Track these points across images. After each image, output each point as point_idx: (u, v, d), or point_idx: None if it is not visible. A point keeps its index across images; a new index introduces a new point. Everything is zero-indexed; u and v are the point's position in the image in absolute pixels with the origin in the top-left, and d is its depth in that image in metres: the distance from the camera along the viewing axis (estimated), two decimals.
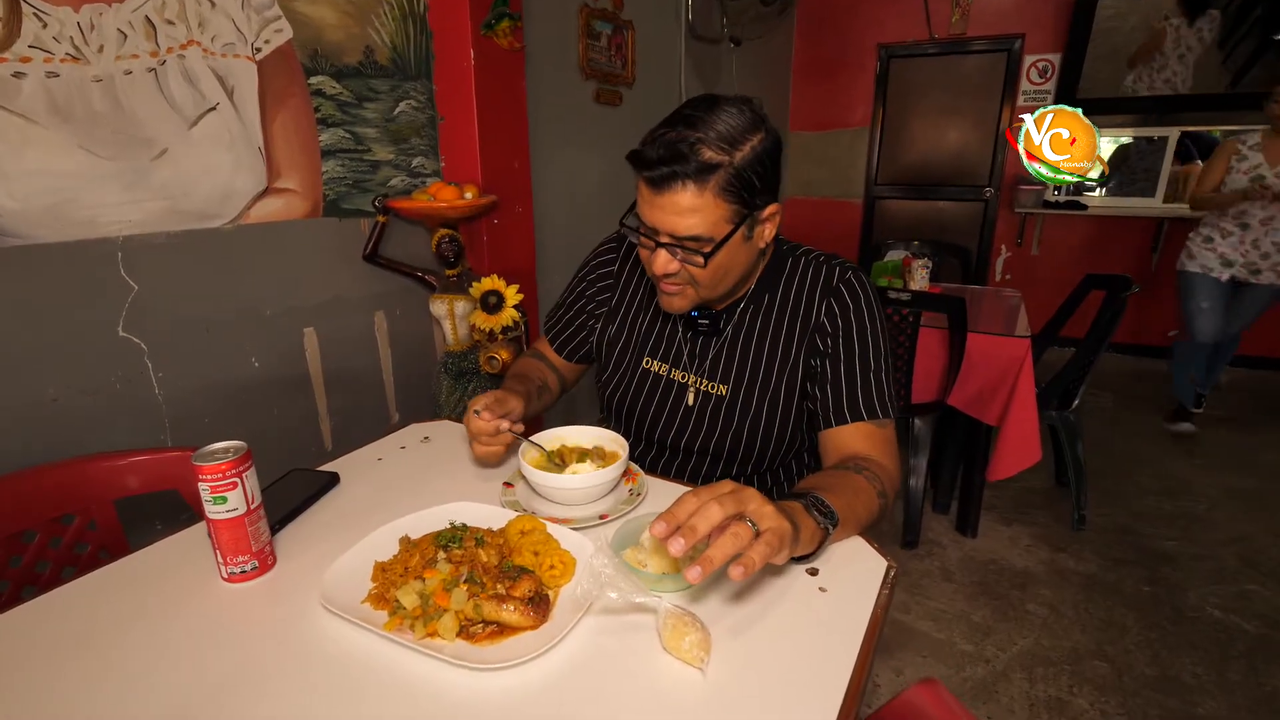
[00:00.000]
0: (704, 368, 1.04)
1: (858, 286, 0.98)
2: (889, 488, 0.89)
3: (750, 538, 0.61)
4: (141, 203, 1.40)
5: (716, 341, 1.04)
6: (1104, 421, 3.28)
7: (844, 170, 4.96)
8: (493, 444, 0.96)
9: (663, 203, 0.85)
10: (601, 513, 0.87)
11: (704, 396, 1.04)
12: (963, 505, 2.35)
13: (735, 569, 0.59)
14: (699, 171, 0.81)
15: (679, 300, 0.95)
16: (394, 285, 1.97)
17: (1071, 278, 2.89)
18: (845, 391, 0.96)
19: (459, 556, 0.74)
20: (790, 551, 0.66)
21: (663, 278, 0.92)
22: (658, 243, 0.89)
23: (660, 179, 0.83)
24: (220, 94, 1.50)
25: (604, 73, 2.74)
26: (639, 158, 0.85)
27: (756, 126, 0.85)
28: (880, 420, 0.95)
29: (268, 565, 0.79)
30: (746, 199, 0.85)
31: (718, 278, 0.92)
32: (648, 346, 1.10)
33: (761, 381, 1.01)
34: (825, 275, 1.00)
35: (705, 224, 0.84)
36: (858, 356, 0.96)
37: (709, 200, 0.83)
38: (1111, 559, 2.16)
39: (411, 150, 1.96)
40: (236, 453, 0.75)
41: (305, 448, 1.80)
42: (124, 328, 1.40)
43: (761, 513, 0.64)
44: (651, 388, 1.08)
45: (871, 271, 2.77)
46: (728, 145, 0.83)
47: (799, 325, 1.00)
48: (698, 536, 0.60)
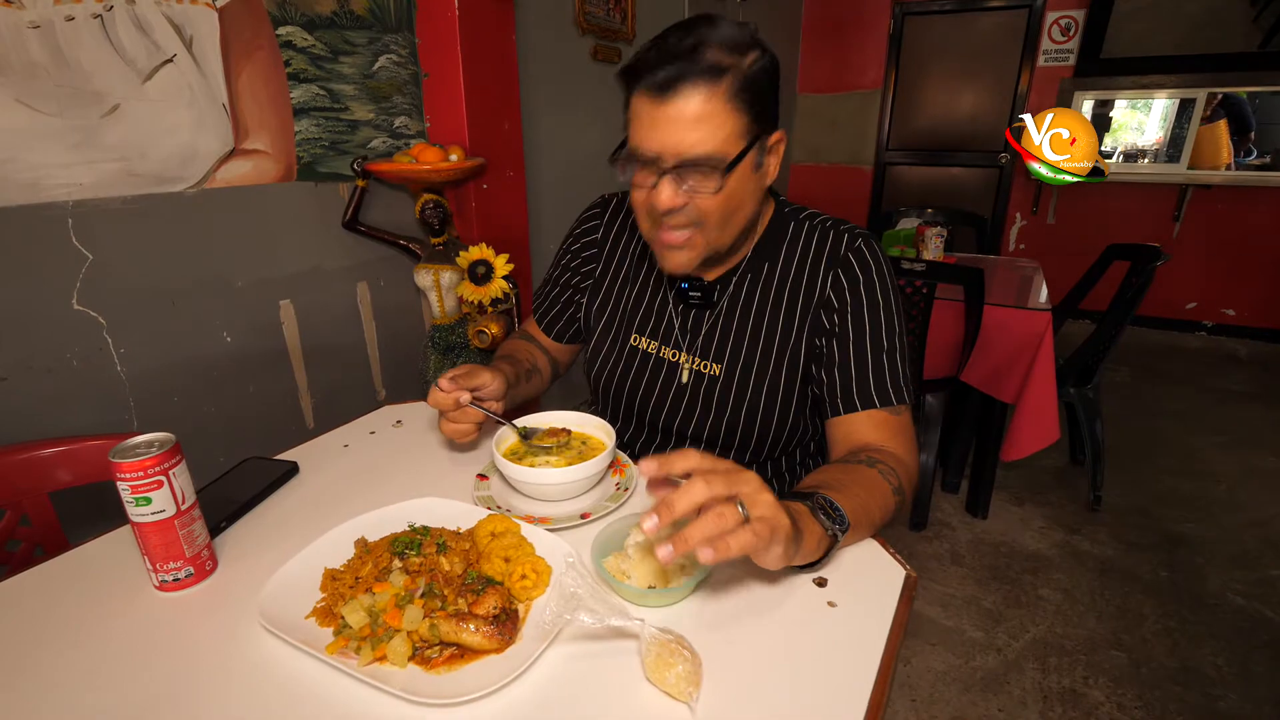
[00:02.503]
0: (696, 344, 0.94)
1: (868, 256, 0.87)
2: (906, 483, 0.79)
3: (736, 522, 0.53)
4: (93, 164, 1.28)
5: (710, 315, 0.93)
6: (1121, 397, 3.17)
7: (854, 135, 4.77)
8: (459, 420, 0.86)
9: (668, 114, 0.73)
10: (583, 511, 0.77)
11: (697, 376, 0.94)
12: (974, 485, 2.26)
13: (705, 550, 0.52)
14: (709, 72, 0.71)
15: (684, 254, 0.82)
16: (377, 254, 1.86)
17: (1088, 247, 2.76)
18: (855, 375, 0.85)
19: (417, 565, 0.65)
20: (787, 556, 0.57)
21: (665, 217, 0.79)
22: (661, 169, 0.76)
23: (665, 82, 0.72)
24: (177, 44, 1.37)
25: (602, 27, 2.58)
26: (635, 68, 0.74)
27: (756, 43, 0.76)
28: (894, 407, 0.84)
29: (205, 571, 0.70)
30: (758, 113, 0.75)
31: (728, 214, 0.80)
32: (635, 322, 0.99)
33: (760, 361, 0.90)
34: (832, 243, 0.88)
35: (718, 137, 0.73)
36: (869, 336, 0.85)
37: (720, 107, 0.72)
38: (1128, 542, 2.08)
39: (393, 109, 1.83)
40: (162, 447, 0.65)
41: (285, 426, 1.71)
42: (79, 300, 1.30)
43: (756, 499, 0.56)
44: (640, 366, 0.98)
45: (882, 240, 2.65)
46: (734, 50, 0.73)
47: (801, 299, 0.89)
48: (674, 515, 0.53)
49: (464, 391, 0.84)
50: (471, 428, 0.88)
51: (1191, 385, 3.35)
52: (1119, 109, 4.24)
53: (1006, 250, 4.49)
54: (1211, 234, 3.94)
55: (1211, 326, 4.10)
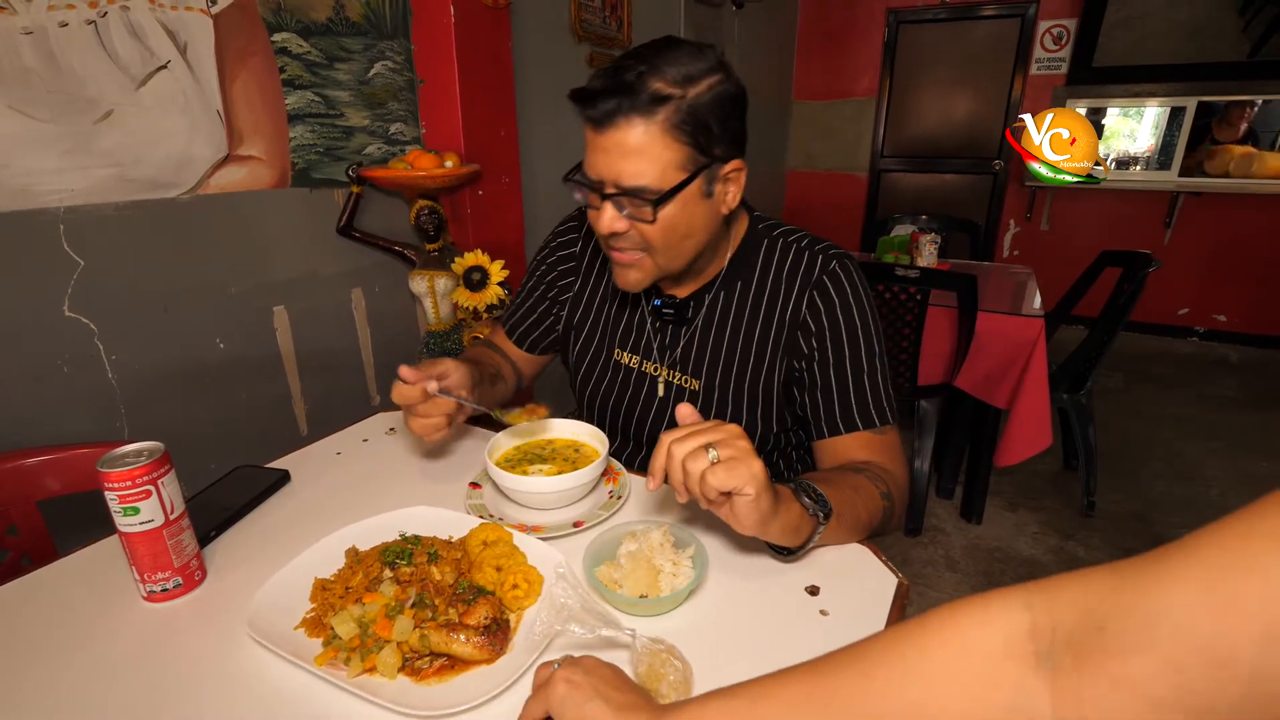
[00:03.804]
0: (674, 359, 0.94)
1: (844, 278, 0.86)
2: (895, 491, 0.79)
3: (706, 465, 0.60)
4: (85, 170, 1.28)
5: (686, 331, 0.93)
6: (1114, 402, 3.18)
7: (849, 142, 4.79)
8: (429, 414, 0.82)
9: (606, 144, 0.74)
10: (576, 519, 0.77)
11: (677, 390, 0.94)
12: (968, 490, 2.27)
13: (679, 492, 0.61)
14: (646, 104, 0.71)
15: (634, 273, 0.83)
16: (372, 260, 1.86)
17: (1081, 254, 2.78)
18: (838, 400, 0.85)
19: (407, 575, 0.65)
20: (763, 517, 0.61)
21: (610, 239, 0.80)
22: (603, 195, 0.77)
23: (603, 116, 0.72)
24: (171, 50, 1.37)
25: (598, 35, 2.59)
26: (579, 96, 0.74)
27: (716, 69, 0.75)
28: (880, 428, 0.85)
29: (194, 582, 0.70)
30: (702, 144, 0.74)
31: (673, 240, 0.79)
32: (617, 337, 0.99)
33: (735, 377, 0.90)
34: (807, 264, 0.88)
35: (655, 170, 0.73)
36: (849, 360, 0.85)
37: (657, 138, 0.72)
38: (1122, 548, 2.08)
39: (389, 115, 1.83)
40: (150, 456, 0.65)
41: (278, 433, 1.71)
42: (70, 307, 1.30)
43: (727, 443, 0.60)
44: (624, 381, 0.98)
45: (877, 247, 2.66)
46: (681, 80, 0.72)
47: (776, 320, 0.88)
48: (657, 477, 0.62)
49: (430, 380, 0.81)
50: (442, 420, 0.83)
51: (1184, 390, 3.37)
52: (1111, 117, 4.27)
53: (1000, 256, 4.52)
54: (1203, 240, 3.97)
55: (1203, 332, 4.12)
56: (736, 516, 0.62)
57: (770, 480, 0.62)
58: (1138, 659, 0.29)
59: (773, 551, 0.71)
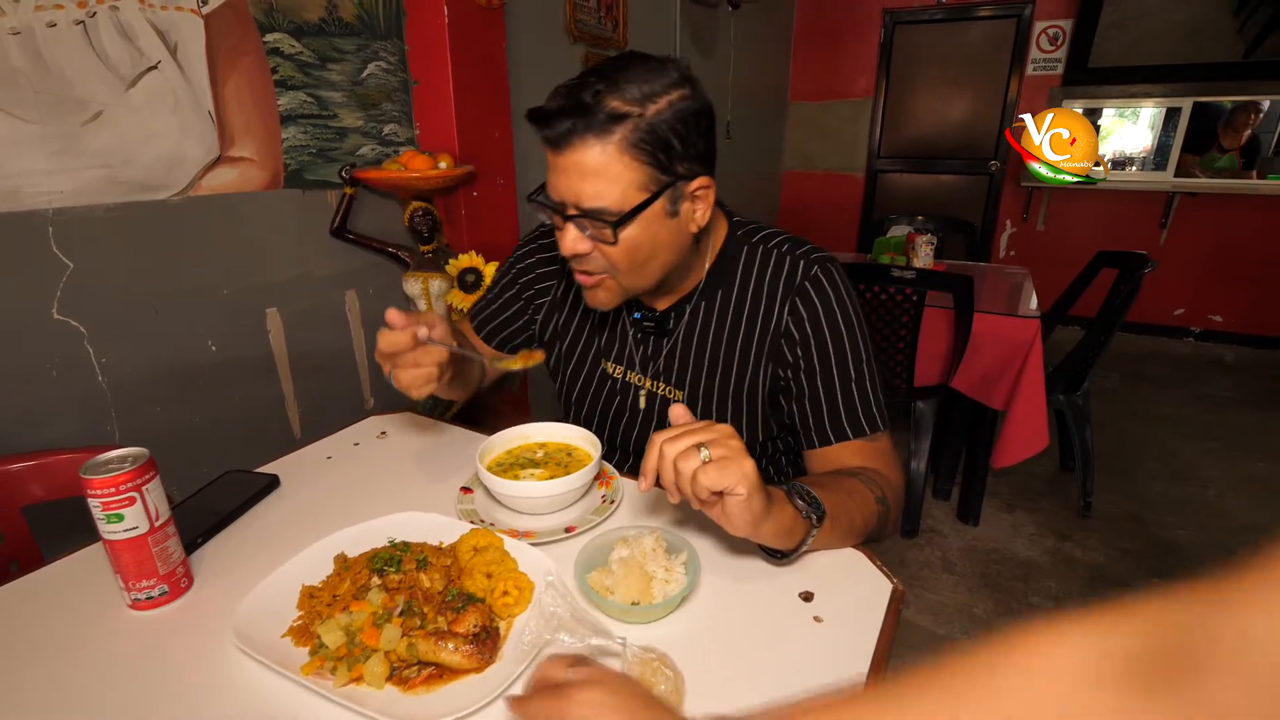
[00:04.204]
0: (657, 370, 0.93)
1: (826, 284, 0.84)
2: (890, 495, 0.78)
3: (697, 464, 0.59)
4: (74, 171, 1.27)
5: (667, 342, 0.92)
6: (1110, 403, 3.18)
7: (846, 142, 4.79)
8: (420, 363, 0.75)
9: (564, 165, 0.72)
10: (568, 524, 0.76)
11: (660, 400, 0.93)
12: (965, 492, 2.26)
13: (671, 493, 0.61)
14: (602, 123, 0.69)
15: (601, 294, 0.82)
16: (366, 262, 1.85)
17: (1077, 254, 2.78)
18: (826, 410, 0.84)
19: (396, 583, 0.64)
20: (755, 517, 0.60)
21: (573, 260, 0.79)
22: (565, 216, 0.75)
23: (559, 137, 0.70)
24: (161, 51, 1.36)
25: (593, 35, 2.58)
26: (537, 113, 0.72)
27: (679, 84, 0.73)
28: (871, 436, 0.84)
29: (180, 589, 0.69)
30: (663, 162, 0.72)
31: (637, 262, 0.77)
32: (602, 346, 0.97)
33: (719, 387, 0.89)
34: (789, 270, 0.85)
35: (614, 191, 0.71)
36: (835, 368, 0.83)
37: (615, 159, 0.70)
38: (1119, 549, 2.08)
39: (382, 116, 1.83)
40: (135, 462, 0.64)
41: (271, 436, 1.69)
42: (59, 309, 1.28)
43: (719, 442, 0.60)
44: (610, 391, 0.97)
45: (873, 248, 2.65)
46: (639, 98, 0.70)
47: (759, 329, 0.86)
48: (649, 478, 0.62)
49: (420, 326, 0.75)
50: (433, 370, 0.76)
51: (1180, 391, 3.37)
52: (1106, 117, 4.28)
53: (996, 257, 4.52)
54: (1198, 241, 3.98)
55: (1199, 332, 4.13)
56: (728, 517, 0.61)
57: (763, 481, 0.61)
58: (1228, 681, 0.28)
59: (765, 554, 0.70)
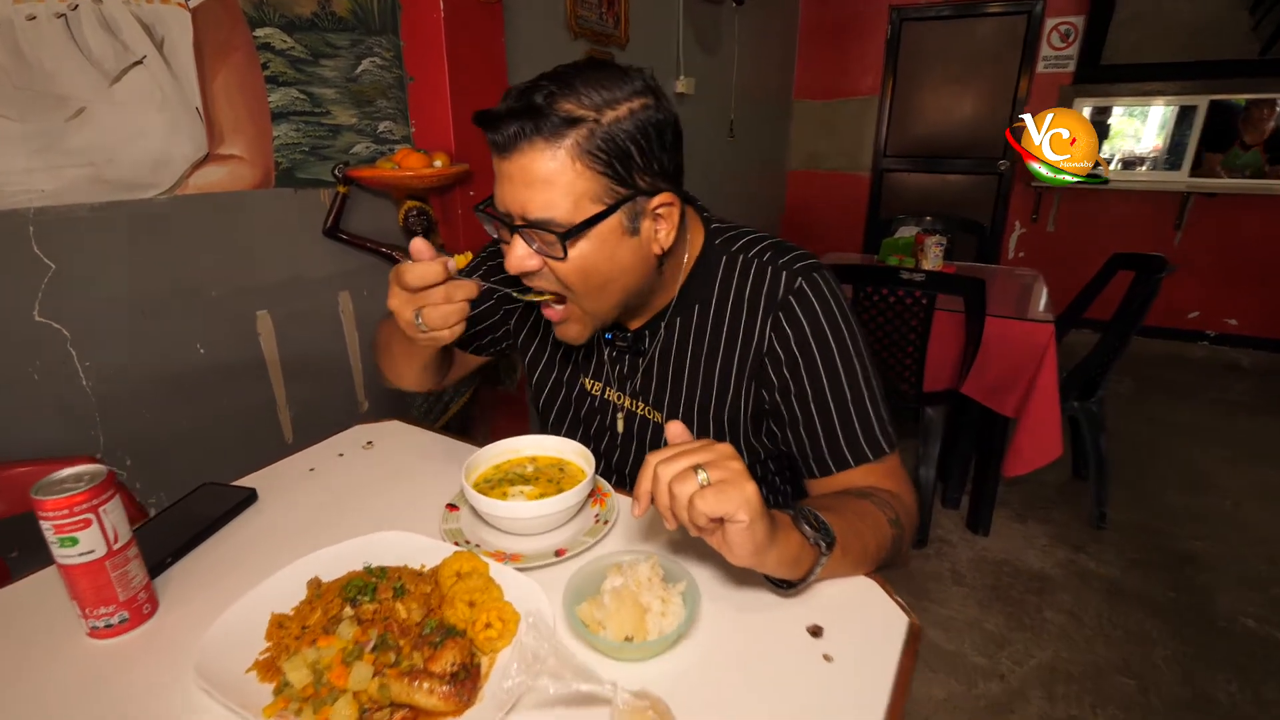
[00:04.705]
0: (634, 389, 0.87)
1: (813, 296, 0.76)
2: (904, 517, 0.73)
3: (694, 488, 0.54)
4: (56, 169, 1.23)
5: (643, 361, 0.86)
6: (1124, 409, 3.11)
7: (851, 141, 4.73)
8: (454, 296, 0.68)
9: (511, 171, 0.65)
10: (558, 547, 0.71)
11: (641, 421, 0.88)
12: (975, 501, 2.20)
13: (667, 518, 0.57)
14: (554, 127, 0.63)
15: (572, 327, 0.76)
16: (360, 263, 1.80)
17: (1089, 256, 2.72)
18: (824, 437, 0.76)
19: (370, 614, 0.59)
20: (759, 545, 0.55)
21: (525, 280, 0.73)
22: (512, 227, 0.68)
23: (506, 141, 0.64)
24: (147, 45, 1.31)
25: (595, 32, 2.53)
26: (484, 116, 0.65)
27: (642, 93, 0.66)
28: (878, 459, 0.77)
29: (143, 616, 0.64)
30: (620, 174, 0.66)
31: (594, 284, 0.71)
32: (579, 361, 0.91)
33: (699, 408, 0.83)
34: (770, 283, 0.77)
35: (565, 200, 0.65)
36: (829, 391, 0.76)
37: (566, 165, 0.64)
38: (1134, 561, 2.02)
39: (377, 114, 1.78)
40: (91, 480, 0.59)
41: (262, 441, 1.65)
42: (40, 312, 1.24)
43: (718, 464, 0.55)
44: (589, 408, 0.92)
45: (881, 249, 2.60)
46: (597, 103, 0.64)
47: (739, 347, 0.79)
48: (643, 504, 0.58)
49: (448, 258, 0.68)
50: (465, 307, 0.69)
51: (1195, 397, 3.30)
52: (1117, 116, 4.20)
53: (1006, 259, 4.45)
54: (1213, 243, 3.90)
55: (1214, 336, 4.05)
56: (729, 545, 0.56)
57: (766, 506, 0.56)
58: None
59: (771, 585, 0.65)
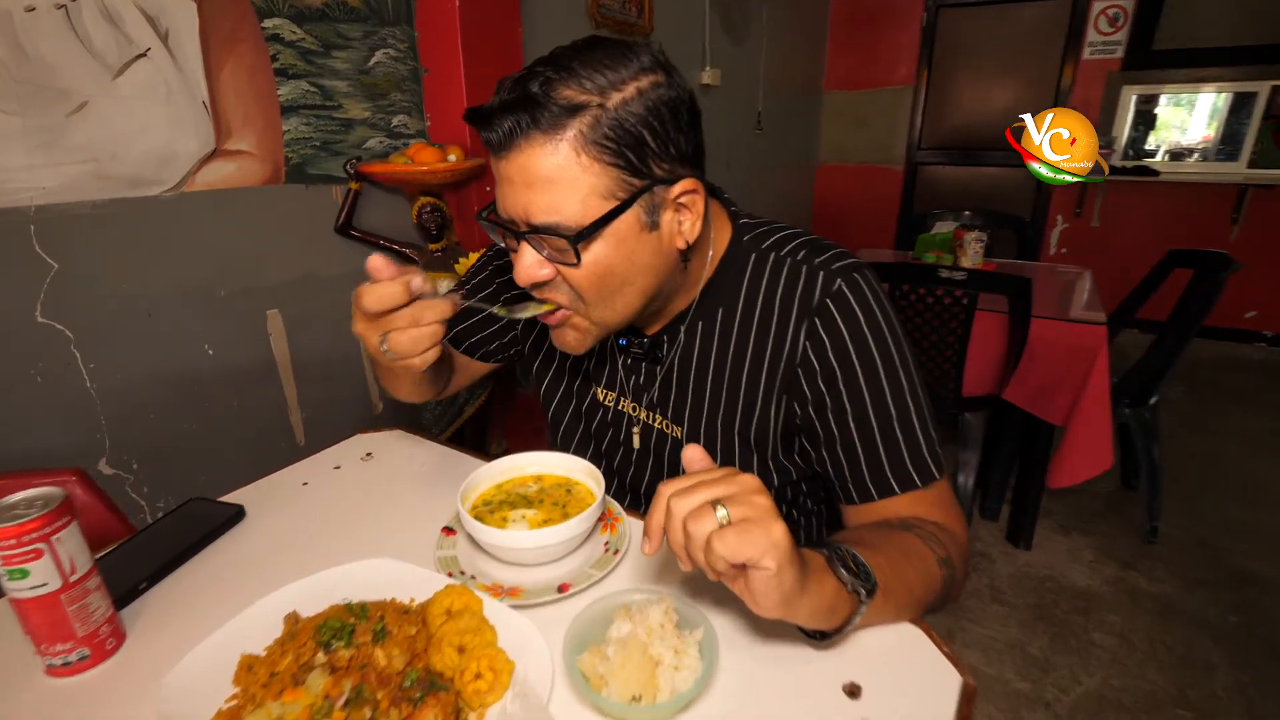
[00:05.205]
0: (651, 400, 0.79)
1: (854, 300, 0.67)
2: (955, 555, 0.64)
3: (712, 527, 0.46)
4: (58, 166, 1.19)
5: (661, 369, 0.77)
6: (1177, 416, 2.93)
7: (884, 133, 4.57)
8: (422, 319, 0.59)
9: (510, 172, 0.58)
10: (562, 582, 0.64)
11: (658, 435, 0.80)
12: (1016, 511, 2.08)
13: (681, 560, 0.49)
14: (553, 117, 0.55)
15: (570, 334, 0.68)
16: None
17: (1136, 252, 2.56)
18: (865, 460, 0.68)
19: (345, 661, 0.53)
20: (788, 594, 0.47)
21: (535, 291, 0.65)
22: (518, 234, 0.61)
23: (502, 138, 0.57)
24: (151, 37, 1.27)
25: (617, 21, 2.45)
26: (476, 112, 0.58)
27: (650, 69, 0.58)
28: (926, 485, 0.67)
29: (105, 652, 0.59)
30: (634, 163, 0.58)
31: (610, 288, 0.63)
32: (591, 369, 0.84)
33: (723, 422, 0.74)
34: (805, 285, 0.68)
35: (571, 199, 0.57)
36: (872, 407, 0.66)
37: (570, 160, 0.56)
38: (1190, 579, 1.88)
39: (391, 107, 1.73)
40: (45, 506, 0.54)
41: (273, 443, 1.62)
42: (43, 312, 1.21)
43: (740, 499, 0.47)
44: (601, 420, 0.84)
45: (916, 245, 2.47)
46: (601, 86, 0.56)
47: (769, 354, 0.70)
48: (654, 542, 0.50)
49: (413, 275, 0.59)
50: (438, 328, 0.60)
51: (1253, 402, 3.10)
52: (1164, 104, 3.98)
53: (1046, 255, 4.26)
54: (1274, 237, 3.67)
55: (1271, 337, 3.82)
56: (753, 594, 0.48)
57: (795, 548, 0.48)
58: None
59: (803, 633, 0.57)
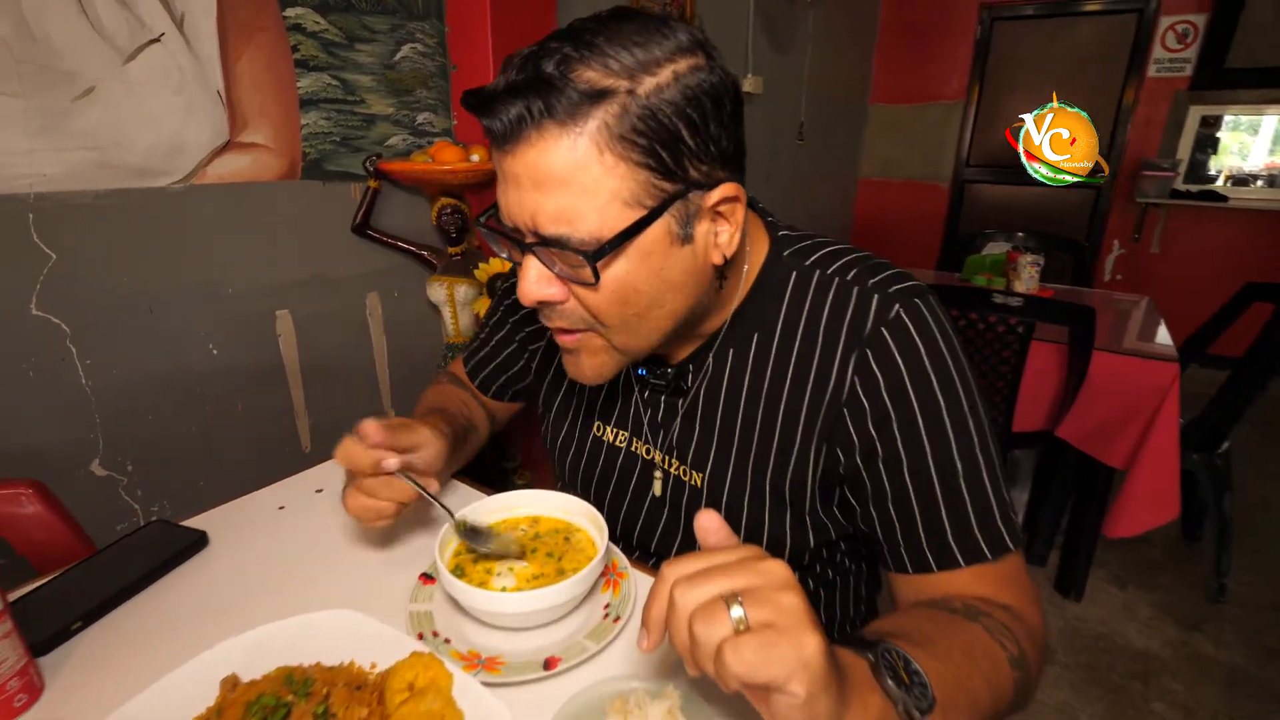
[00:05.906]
0: (670, 443, 0.68)
1: (913, 330, 0.55)
2: (1030, 650, 0.51)
3: (725, 631, 0.35)
4: (60, 152, 1.14)
5: (683, 403, 0.66)
6: (1248, 461, 2.70)
7: (931, 149, 4.40)
8: (377, 494, 0.61)
9: (516, 170, 0.48)
10: (550, 655, 0.54)
11: (675, 483, 0.68)
12: (1066, 559, 1.92)
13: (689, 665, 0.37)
14: (572, 104, 0.45)
15: (587, 360, 0.58)
16: (391, 263, 1.68)
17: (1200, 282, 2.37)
18: (922, 522, 0.55)
19: None
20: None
21: (543, 310, 0.56)
22: (523, 245, 0.51)
23: (507, 128, 0.46)
24: (166, 22, 1.22)
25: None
26: (476, 95, 0.48)
27: (689, 50, 0.47)
28: (996, 558, 0.55)
29: (13, 710, 0.50)
30: (667, 163, 0.47)
31: (630, 314, 0.53)
32: (597, 406, 0.74)
33: (753, 472, 0.63)
34: (856, 308, 0.57)
35: (590, 205, 0.47)
36: (932, 457, 0.55)
37: (590, 158, 0.46)
38: (1263, 647, 1.70)
39: (416, 104, 1.66)
40: None
41: (277, 449, 1.55)
42: (38, 305, 1.16)
43: (762, 597, 0.36)
44: (608, 462, 0.74)
45: (964, 267, 2.33)
46: (629, 67, 0.45)
47: (810, 392, 0.59)
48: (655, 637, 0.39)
49: (392, 454, 0.60)
50: (389, 508, 0.62)
51: None
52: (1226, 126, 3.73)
53: (1101, 281, 4.03)
54: None
55: None
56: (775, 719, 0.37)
57: (831, 662, 0.36)
58: None
59: None
